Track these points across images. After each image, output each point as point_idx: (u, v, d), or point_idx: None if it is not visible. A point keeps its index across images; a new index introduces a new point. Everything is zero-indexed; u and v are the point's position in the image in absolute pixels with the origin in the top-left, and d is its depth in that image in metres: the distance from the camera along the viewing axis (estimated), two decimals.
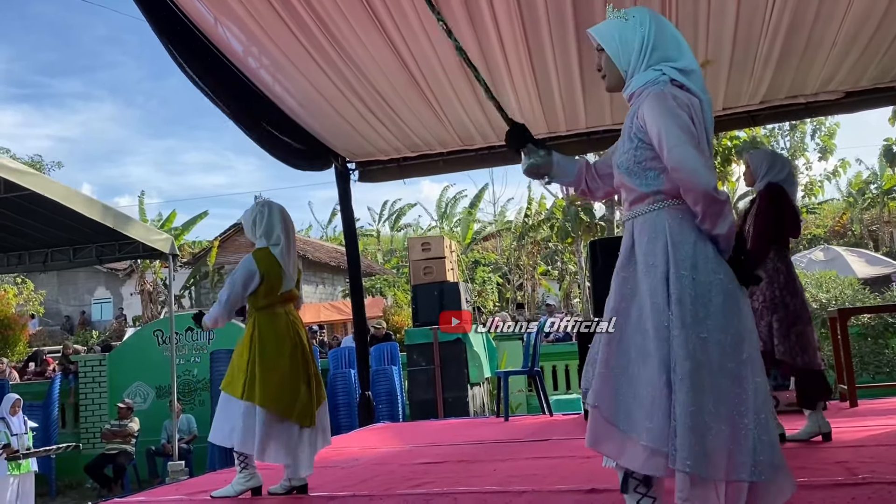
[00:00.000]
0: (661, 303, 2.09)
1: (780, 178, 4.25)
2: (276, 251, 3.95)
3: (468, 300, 9.89)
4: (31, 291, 23.85)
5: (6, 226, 10.29)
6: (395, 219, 35.73)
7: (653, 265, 2.13)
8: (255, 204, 4.12)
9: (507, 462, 4.53)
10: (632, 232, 2.22)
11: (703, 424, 1.98)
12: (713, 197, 2.07)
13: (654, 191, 2.17)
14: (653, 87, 2.16)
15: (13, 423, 8.31)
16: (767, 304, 4.12)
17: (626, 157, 2.21)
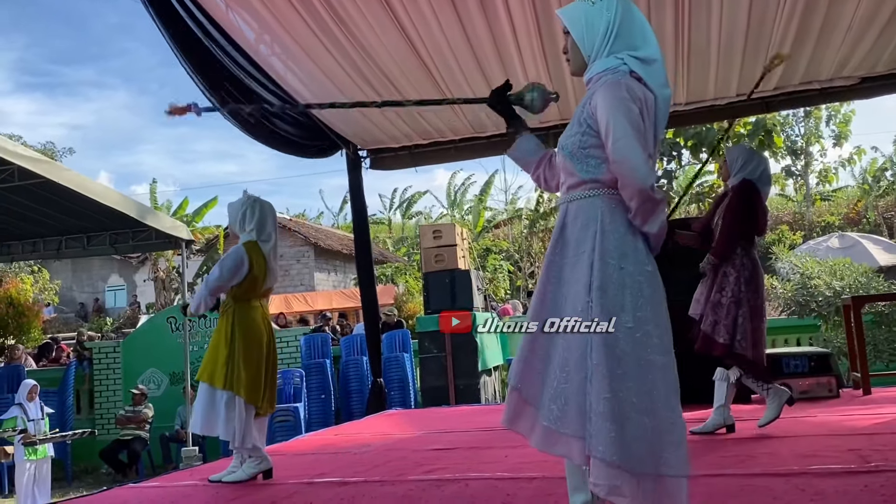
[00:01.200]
0: (583, 289, 2.09)
1: (754, 175, 4.31)
2: (265, 247, 4.01)
3: (479, 288, 9.89)
4: (46, 280, 24.06)
5: (21, 213, 10.37)
6: (406, 206, 35.74)
7: (582, 252, 2.14)
8: (245, 197, 4.15)
9: (519, 449, 4.53)
10: (564, 215, 2.24)
11: (620, 413, 1.97)
12: (649, 195, 2.07)
13: (592, 178, 2.17)
14: (611, 75, 2.15)
15: (30, 408, 8.38)
16: (734, 300, 4.16)
17: (572, 141, 2.21)
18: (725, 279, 4.20)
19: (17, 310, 13.72)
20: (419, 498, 3.29)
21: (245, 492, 3.72)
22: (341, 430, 6.65)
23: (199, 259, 24.07)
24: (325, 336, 11.48)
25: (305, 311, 19.62)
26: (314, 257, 25.42)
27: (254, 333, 3.93)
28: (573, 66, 2.31)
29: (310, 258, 25.17)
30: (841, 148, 21.19)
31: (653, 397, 2.00)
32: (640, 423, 1.98)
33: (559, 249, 2.21)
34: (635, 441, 1.96)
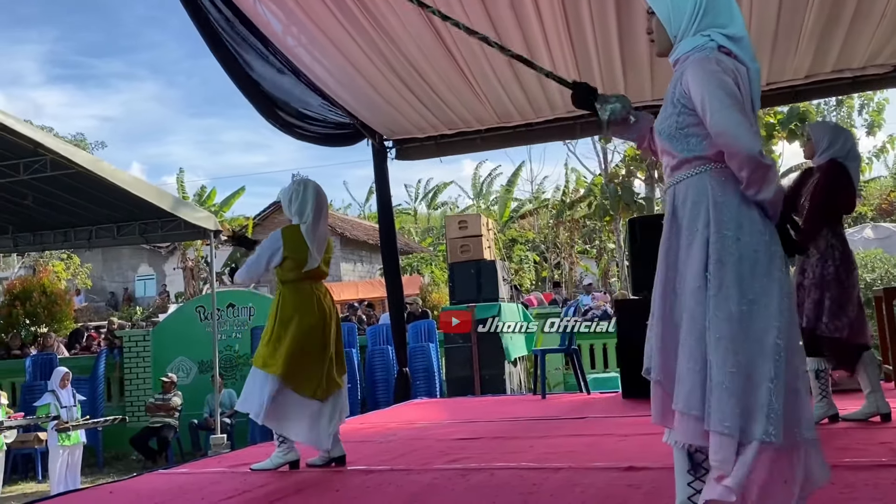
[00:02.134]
0: (701, 266, 2.06)
1: (841, 154, 4.13)
2: (303, 229, 4.00)
3: (505, 278, 9.89)
4: (77, 266, 24.42)
5: (53, 203, 10.53)
6: (431, 197, 35.75)
7: (695, 230, 2.10)
8: (293, 182, 4.18)
9: (545, 439, 4.54)
10: (673, 199, 2.19)
11: (741, 386, 1.95)
12: (758, 161, 2.02)
13: (696, 156, 2.14)
14: (699, 52, 2.12)
15: (63, 395, 8.55)
16: (817, 282, 4.02)
17: (668, 123, 2.18)
18: (808, 261, 4.08)
19: (50, 298, 13.95)
20: (444, 486, 3.31)
21: (272, 479, 3.76)
22: (367, 418, 6.69)
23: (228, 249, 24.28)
24: (350, 325, 11.55)
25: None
26: (340, 247, 25.54)
27: (296, 315, 3.90)
28: (659, 47, 2.28)
29: (336, 248, 25.30)
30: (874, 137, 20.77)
31: (776, 369, 1.97)
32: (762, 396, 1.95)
33: (673, 234, 2.16)
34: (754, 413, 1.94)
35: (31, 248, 13.86)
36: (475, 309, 8.84)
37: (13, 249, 14.79)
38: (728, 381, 1.95)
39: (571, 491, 3.04)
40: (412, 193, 35.56)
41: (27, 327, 13.30)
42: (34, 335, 12.93)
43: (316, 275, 4.07)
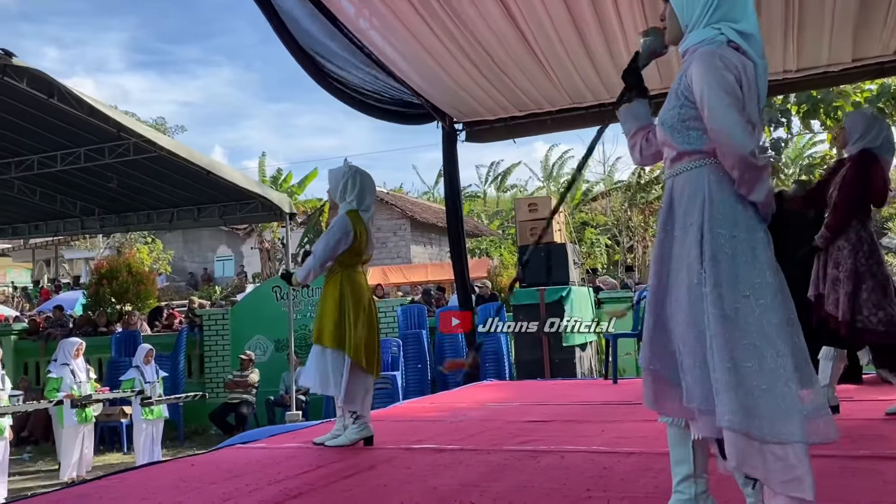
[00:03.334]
0: (695, 262, 2.07)
1: (875, 143, 4.01)
2: (365, 217, 4.11)
3: (576, 261, 9.79)
4: (160, 250, 25.34)
5: (136, 186, 10.94)
6: (501, 179, 35.61)
7: (690, 224, 2.11)
8: (346, 167, 4.24)
9: (616, 423, 4.51)
10: (671, 191, 2.21)
11: (743, 381, 1.96)
12: (750, 162, 2.03)
13: (695, 149, 2.14)
14: (707, 45, 2.11)
15: (146, 371, 8.91)
16: (849, 274, 3.91)
17: (671, 115, 2.18)
18: (840, 253, 3.99)
19: (136, 278, 14.52)
20: (514, 467, 3.33)
21: (346, 455, 3.85)
22: (437, 399, 6.76)
23: (301, 230, 24.79)
24: (421, 307, 11.66)
25: (401, 282, 19.96)
26: (410, 230, 25.75)
27: (361, 298, 4.05)
28: (669, 35, 2.29)
29: (406, 231, 25.52)
30: None
31: (776, 364, 1.97)
32: (766, 392, 1.95)
33: (669, 226, 2.18)
34: (761, 409, 1.94)
35: (115, 229, 14.47)
36: (545, 292, 8.78)
37: (99, 231, 15.47)
38: (728, 378, 1.96)
39: (643, 475, 3.02)
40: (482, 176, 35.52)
41: (113, 305, 13.88)
42: (119, 313, 13.49)
43: (367, 260, 4.23)
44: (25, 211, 12.65)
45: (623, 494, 2.72)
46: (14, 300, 24.15)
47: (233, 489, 3.15)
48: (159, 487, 3.31)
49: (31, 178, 10.76)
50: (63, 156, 9.83)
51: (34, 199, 11.66)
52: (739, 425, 1.94)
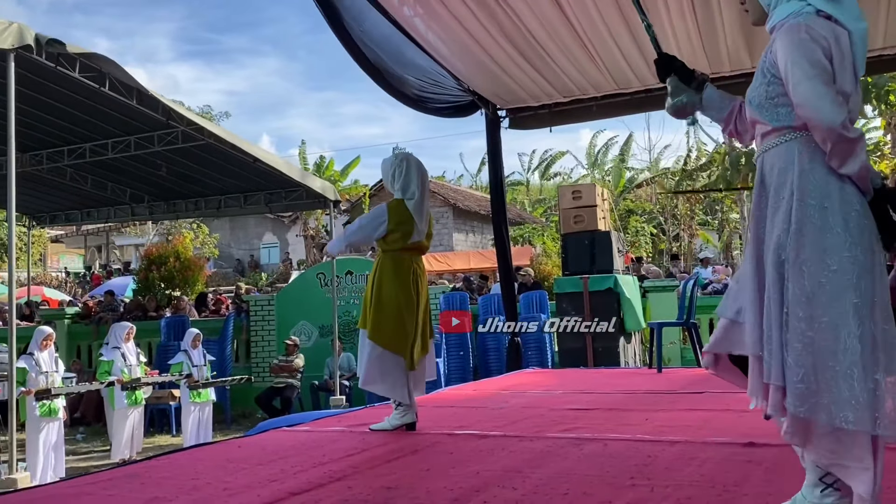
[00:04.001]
0: (783, 234, 1.99)
1: None
2: (410, 205, 4.09)
3: (620, 249, 9.70)
4: (206, 235, 25.77)
5: (185, 174, 11.14)
6: (545, 167, 35.38)
7: (781, 198, 2.03)
8: (394, 156, 4.26)
9: (660, 412, 4.47)
10: (762, 168, 2.13)
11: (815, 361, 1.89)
12: (840, 134, 1.94)
13: (785, 126, 2.07)
14: (794, 18, 2.02)
15: (194, 355, 9.09)
16: None
17: (758, 93, 2.12)
18: None
19: (184, 264, 14.81)
20: (557, 454, 3.32)
21: (389, 439, 3.88)
22: (479, 385, 6.77)
23: (345, 218, 24.98)
24: (463, 294, 11.67)
25: (444, 270, 20.00)
26: (453, 218, 25.76)
27: (394, 282, 4.03)
28: (753, 16, 2.22)
29: (449, 219, 25.54)
30: None
31: (852, 346, 1.88)
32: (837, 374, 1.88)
33: (762, 203, 2.11)
34: (829, 392, 1.88)
35: (165, 216, 14.79)
36: (588, 280, 8.72)
37: (149, 217, 15.79)
38: (794, 358, 1.90)
39: (688, 464, 2.99)
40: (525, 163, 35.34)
41: (162, 291, 14.17)
42: (168, 298, 13.77)
43: (417, 248, 4.19)
44: (78, 198, 12.99)
45: (667, 483, 2.69)
46: (67, 285, 24.84)
47: (278, 471, 3.20)
48: (207, 468, 3.37)
49: (83, 165, 11.04)
50: (114, 143, 10.05)
51: (86, 187, 11.96)
52: (799, 409, 1.89)
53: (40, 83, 7.82)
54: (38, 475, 7.08)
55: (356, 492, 2.77)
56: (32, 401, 7.32)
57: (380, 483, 2.90)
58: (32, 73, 7.30)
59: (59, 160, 10.71)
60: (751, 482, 2.67)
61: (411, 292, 4.08)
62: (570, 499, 2.55)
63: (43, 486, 4.01)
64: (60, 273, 29.31)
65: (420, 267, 4.21)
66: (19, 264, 15.69)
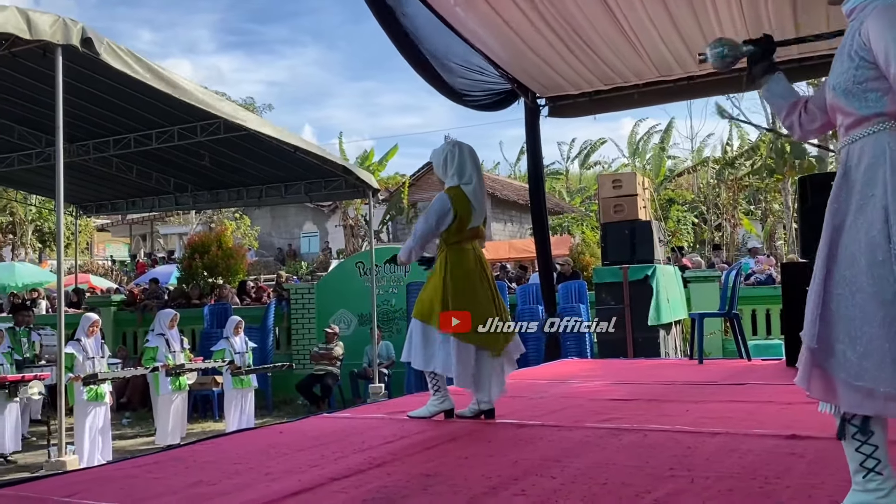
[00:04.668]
0: (879, 236, 1.90)
1: None
2: (467, 189, 4.05)
3: (661, 239, 9.59)
4: (247, 226, 26.11)
5: (227, 164, 11.28)
6: (584, 156, 35.09)
7: (871, 195, 1.94)
8: (446, 144, 4.23)
9: (701, 404, 4.42)
10: (846, 159, 2.03)
11: None
12: None
13: (875, 113, 1.97)
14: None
15: (236, 342, 9.23)
16: None
17: (845, 78, 2.02)
18: None
19: (226, 252, 15.03)
20: (596, 444, 3.31)
21: (427, 427, 3.91)
22: (518, 375, 6.76)
23: (384, 207, 25.10)
24: (500, 284, 11.65)
25: None
26: (491, 207, 25.72)
27: (467, 276, 4.01)
28: None
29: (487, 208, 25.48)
30: None
31: None
32: None
33: (843, 196, 2.03)
34: None
35: (208, 205, 15.01)
36: (628, 270, 8.64)
37: (192, 206, 16.06)
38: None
39: (729, 456, 2.95)
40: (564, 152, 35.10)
41: (205, 279, 14.41)
42: (211, 286, 14.00)
43: (477, 234, 4.16)
44: (123, 188, 13.24)
45: (707, 474, 2.66)
46: (113, 273, 25.38)
47: (318, 456, 3.25)
48: (249, 453, 3.43)
49: (128, 155, 11.25)
50: (158, 134, 10.22)
51: (131, 176, 12.19)
52: None
53: (87, 74, 7.97)
54: (85, 458, 7.27)
55: (395, 478, 2.80)
56: (80, 386, 7.52)
57: (418, 470, 2.92)
58: (79, 65, 7.44)
59: (105, 150, 10.93)
60: (793, 474, 2.63)
61: (484, 283, 4.06)
62: (608, 488, 2.54)
63: (91, 469, 4.13)
64: (106, 261, 29.99)
65: (481, 253, 4.19)
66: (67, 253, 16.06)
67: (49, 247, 27.77)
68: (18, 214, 26.62)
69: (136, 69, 7.35)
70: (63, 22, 6.48)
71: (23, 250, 27.22)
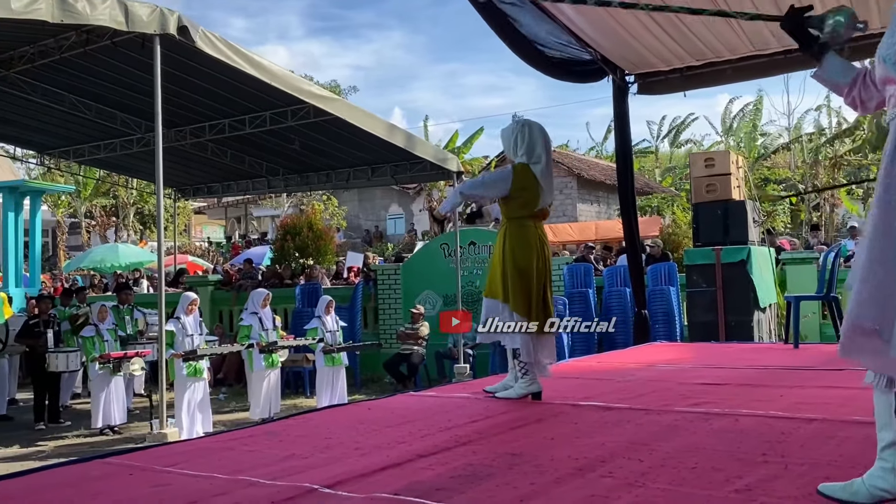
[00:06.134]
0: None
1: None
2: (536, 169, 4.03)
3: (756, 220, 9.26)
4: (335, 207, 26.64)
5: (316, 148, 11.54)
6: (674, 134, 34.16)
7: None
8: (515, 122, 4.20)
9: (796, 389, 4.28)
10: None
11: None
12: None
13: None
14: None
15: (328, 321, 9.46)
16: None
17: (895, 50, 1.94)
18: None
19: (316, 234, 15.40)
20: (685, 428, 3.25)
21: (514, 407, 3.92)
22: (604, 357, 6.70)
23: None
24: (587, 266, 11.52)
25: (567, 241, 19.79)
26: (577, 188, 25.37)
27: (525, 251, 4.01)
28: None
29: (573, 189, 25.17)
30: None
31: None
32: None
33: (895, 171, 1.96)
34: None
35: (298, 188, 15.40)
36: (721, 252, 8.39)
37: (283, 189, 16.52)
38: None
39: (826, 443, 2.85)
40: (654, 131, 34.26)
41: (296, 259, 14.81)
42: (302, 267, 14.38)
43: (541, 214, 4.15)
44: (218, 171, 13.73)
45: (803, 461, 2.58)
46: (210, 254, 26.39)
47: (406, 433, 3.31)
48: (340, 428, 3.53)
49: (223, 140, 11.65)
50: (251, 119, 10.53)
51: (226, 161, 12.62)
52: None
53: (183, 62, 8.27)
54: (184, 430, 7.63)
55: (481, 457, 2.83)
56: (180, 362, 7.88)
57: (504, 449, 2.94)
58: (175, 53, 7.73)
59: (200, 135, 11.34)
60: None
61: (540, 262, 4.05)
62: (697, 473, 2.50)
63: (191, 441, 4.33)
64: (203, 243, 31.19)
65: (543, 233, 4.18)
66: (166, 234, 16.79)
67: (149, 228, 29.12)
68: (121, 198, 27.98)
69: (229, 56, 7.60)
70: (160, 12, 6.73)
71: (125, 232, 28.61)
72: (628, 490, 2.32)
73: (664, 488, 2.33)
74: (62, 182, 24.63)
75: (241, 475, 2.62)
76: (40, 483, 2.73)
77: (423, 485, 2.44)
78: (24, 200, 15.22)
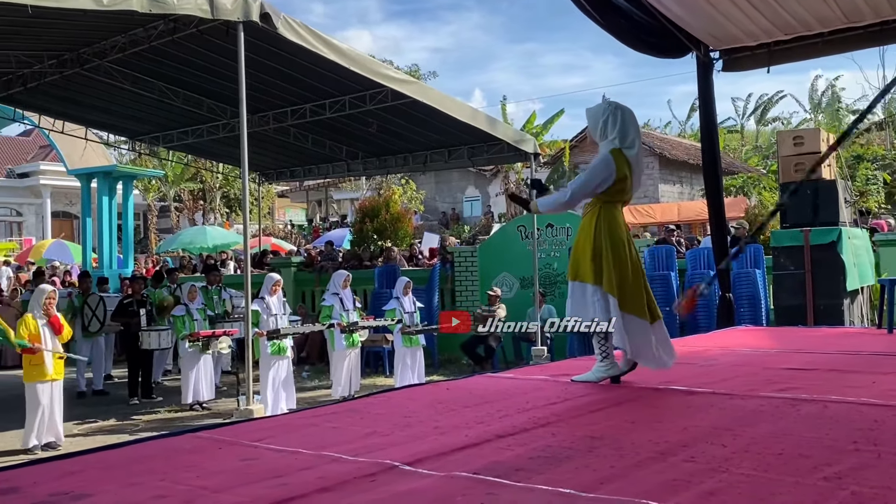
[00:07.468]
0: None
1: None
2: (630, 154, 3.93)
3: (847, 200, 8.88)
4: (413, 190, 26.85)
5: (393, 131, 11.64)
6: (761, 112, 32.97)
7: None
8: (605, 103, 4.05)
9: (890, 375, 4.10)
10: None
11: None
12: None
13: None
14: None
15: (406, 302, 9.57)
16: None
17: None
18: None
19: (394, 216, 15.57)
20: (771, 414, 3.17)
21: (593, 391, 3.89)
22: (687, 341, 6.56)
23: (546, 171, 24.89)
24: (669, 248, 11.29)
25: (648, 222, 19.41)
26: (659, 168, 24.82)
27: (618, 234, 3.92)
28: None
29: (654, 169, 24.65)
30: None
31: None
32: None
33: None
34: None
35: (376, 171, 15.58)
36: (810, 234, 8.08)
37: (362, 173, 16.74)
38: None
39: None
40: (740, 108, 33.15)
41: (375, 242, 15.01)
42: (381, 249, 14.57)
43: (628, 199, 4.07)
44: (300, 156, 14.02)
45: None
46: (292, 236, 27.03)
47: (484, 414, 3.33)
48: (419, 407, 3.59)
49: (304, 125, 11.88)
50: (331, 104, 10.69)
51: (307, 145, 12.87)
52: None
53: (265, 48, 8.45)
54: (269, 406, 7.87)
55: (560, 439, 2.83)
56: (264, 340, 8.12)
57: (583, 432, 2.93)
58: (258, 40, 7.90)
59: (283, 120, 11.59)
60: None
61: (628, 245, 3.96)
62: (784, 459, 2.44)
63: (276, 417, 4.47)
64: (286, 225, 31.96)
65: (623, 217, 4.12)
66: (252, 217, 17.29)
67: (235, 211, 30.03)
68: (208, 182, 28.90)
69: (310, 42, 7.73)
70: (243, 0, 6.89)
71: (212, 215, 29.58)
72: (711, 475, 2.28)
73: (748, 474, 2.28)
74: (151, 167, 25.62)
75: (324, 451, 2.69)
76: (136, 454, 2.87)
77: (502, 465, 2.46)
78: (116, 185, 15.89)
